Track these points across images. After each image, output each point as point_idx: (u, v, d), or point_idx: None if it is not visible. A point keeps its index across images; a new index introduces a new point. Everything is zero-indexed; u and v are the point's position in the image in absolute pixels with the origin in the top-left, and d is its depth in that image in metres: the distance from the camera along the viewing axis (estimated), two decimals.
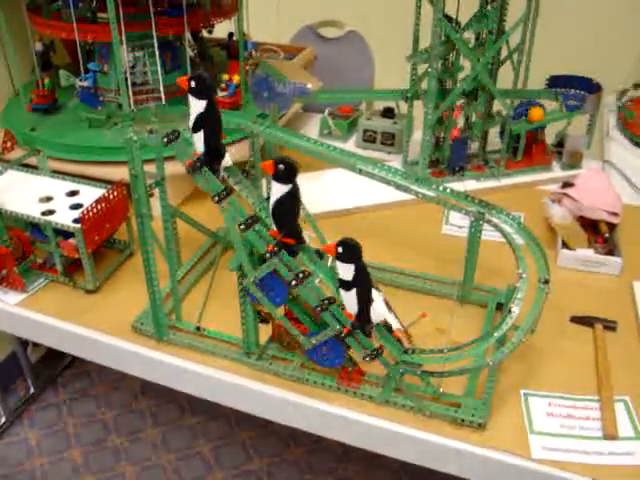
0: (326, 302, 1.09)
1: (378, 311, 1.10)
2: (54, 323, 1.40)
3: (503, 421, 1.16)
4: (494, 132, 1.88)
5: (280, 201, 1.05)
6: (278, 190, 1.04)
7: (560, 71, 1.88)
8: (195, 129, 1.07)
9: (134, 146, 1.13)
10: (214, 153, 1.09)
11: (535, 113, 1.79)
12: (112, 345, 1.34)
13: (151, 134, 1.14)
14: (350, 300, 1.07)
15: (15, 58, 1.75)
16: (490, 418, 1.15)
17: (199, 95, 1.05)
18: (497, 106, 1.80)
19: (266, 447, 2.45)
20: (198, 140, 1.08)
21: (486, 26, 1.65)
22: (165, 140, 1.09)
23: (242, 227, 1.08)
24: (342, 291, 1.07)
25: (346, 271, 1.04)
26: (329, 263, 1.14)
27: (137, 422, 2.55)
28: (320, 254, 1.14)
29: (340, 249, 1.02)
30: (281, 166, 1.02)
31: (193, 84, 1.04)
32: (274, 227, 1.08)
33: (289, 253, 1.09)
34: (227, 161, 1.12)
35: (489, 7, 1.64)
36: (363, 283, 1.06)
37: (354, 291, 1.06)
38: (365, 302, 1.08)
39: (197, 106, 1.06)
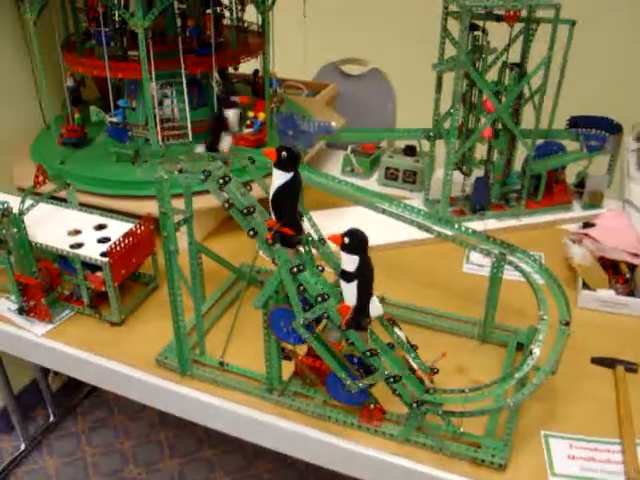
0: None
1: (376, 306, 1.09)
2: (79, 355, 1.42)
3: (524, 462, 1.16)
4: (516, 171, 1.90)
5: (281, 189, 1.05)
6: (279, 178, 1.05)
7: (580, 111, 1.90)
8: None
9: (165, 185, 1.15)
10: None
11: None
12: (136, 378, 1.36)
13: (181, 173, 1.17)
14: (350, 292, 1.06)
15: (47, 93, 1.81)
16: (511, 459, 1.15)
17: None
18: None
19: None
20: None
21: (506, 94, 1.68)
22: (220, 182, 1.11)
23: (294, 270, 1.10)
24: (342, 282, 1.06)
25: (350, 262, 1.04)
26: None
27: (155, 453, 2.56)
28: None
29: (347, 239, 1.02)
30: (284, 153, 1.03)
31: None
32: (273, 216, 1.08)
33: (287, 244, 1.09)
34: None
35: (507, 76, 1.68)
36: (365, 276, 1.05)
37: (355, 283, 1.05)
38: (365, 295, 1.07)
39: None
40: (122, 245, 1.42)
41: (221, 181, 1.10)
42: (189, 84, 1.78)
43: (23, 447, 2.54)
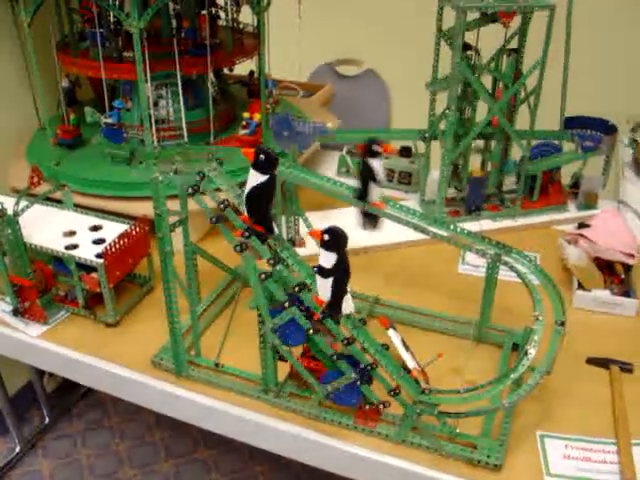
0: (345, 342, 1.10)
1: (349, 304, 1.10)
2: (74, 356, 1.42)
3: (519, 463, 1.16)
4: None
5: (256, 189, 1.07)
6: (256, 179, 1.06)
7: (575, 112, 1.91)
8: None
9: (159, 186, 1.15)
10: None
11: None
12: (131, 379, 1.36)
13: (176, 174, 1.16)
14: (325, 287, 1.07)
15: (42, 93, 1.80)
16: (506, 459, 1.15)
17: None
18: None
19: None
20: None
21: (502, 79, 1.68)
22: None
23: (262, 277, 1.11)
24: (318, 277, 1.07)
25: (328, 259, 1.04)
26: None
27: (151, 454, 2.55)
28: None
29: (326, 236, 1.03)
30: (262, 156, 1.04)
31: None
32: (245, 213, 1.09)
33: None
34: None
35: (504, 61, 1.68)
36: (342, 273, 1.06)
37: (331, 279, 1.06)
38: (339, 292, 1.08)
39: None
40: (117, 246, 1.42)
41: (190, 190, 1.12)
42: (184, 85, 1.78)
43: (18, 449, 2.53)
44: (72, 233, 1.53)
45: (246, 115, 1.89)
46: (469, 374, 1.31)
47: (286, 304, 1.11)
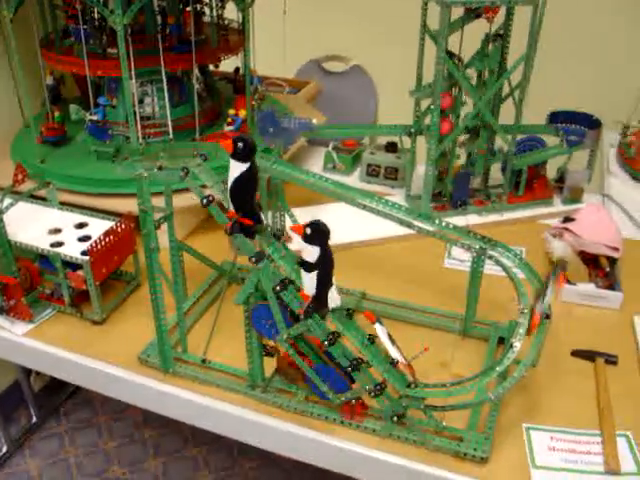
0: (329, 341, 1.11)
1: (335, 297, 1.10)
2: (61, 354, 1.41)
3: (505, 455, 1.16)
4: (496, 167, 1.90)
5: (238, 180, 1.07)
6: (236, 169, 1.06)
7: (560, 106, 1.92)
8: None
9: (144, 182, 1.15)
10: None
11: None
12: (118, 377, 1.36)
13: (161, 170, 1.16)
14: (310, 282, 1.07)
15: (27, 91, 1.79)
16: (492, 452, 1.15)
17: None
18: (499, 141, 1.83)
19: (268, 478, 2.44)
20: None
21: (488, 65, 1.69)
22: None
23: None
24: (302, 272, 1.07)
25: (311, 253, 1.04)
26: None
27: (139, 452, 2.55)
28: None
29: (308, 230, 1.03)
30: (240, 144, 1.04)
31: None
32: (231, 207, 1.10)
33: (247, 234, 1.10)
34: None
35: (491, 46, 1.68)
36: (326, 267, 1.06)
37: (315, 274, 1.06)
38: (324, 286, 1.08)
39: None
40: (103, 243, 1.42)
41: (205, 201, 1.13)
42: (169, 81, 1.77)
43: (5, 449, 2.52)
44: (57, 231, 1.53)
45: (231, 111, 1.89)
46: (455, 368, 1.32)
47: (298, 314, 1.12)
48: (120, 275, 1.60)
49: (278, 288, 1.11)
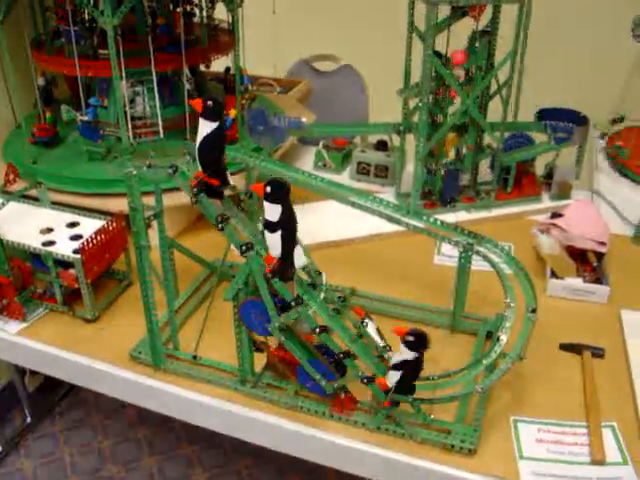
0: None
1: (300, 256, 1.11)
2: (53, 352, 1.42)
3: (493, 447, 1.18)
4: (485, 164, 1.92)
5: (206, 139, 1.09)
6: (205, 127, 1.08)
7: (548, 104, 1.93)
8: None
9: (133, 180, 1.16)
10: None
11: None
12: (110, 373, 1.37)
13: (150, 168, 1.18)
14: (274, 242, 1.07)
15: (18, 92, 1.80)
16: (480, 444, 1.17)
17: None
18: (487, 138, 1.85)
19: (262, 476, 2.45)
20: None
21: (475, 62, 1.70)
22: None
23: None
24: (267, 233, 1.07)
25: (272, 212, 1.05)
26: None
27: (133, 451, 2.56)
28: (314, 286, 1.17)
29: (268, 189, 1.03)
30: (209, 103, 1.07)
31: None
32: (200, 168, 1.11)
33: (213, 194, 1.12)
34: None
35: (477, 44, 1.69)
36: (289, 225, 1.06)
37: (279, 233, 1.06)
38: (289, 245, 1.08)
39: None
40: (94, 242, 1.43)
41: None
42: (160, 82, 1.78)
43: (0, 449, 2.53)
44: (49, 230, 1.54)
45: None
46: (444, 362, 1.33)
47: (292, 303, 1.12)
48: (112, 273, 1.61)
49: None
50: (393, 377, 1.11)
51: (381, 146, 2.11)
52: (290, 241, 1.08)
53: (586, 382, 1.31)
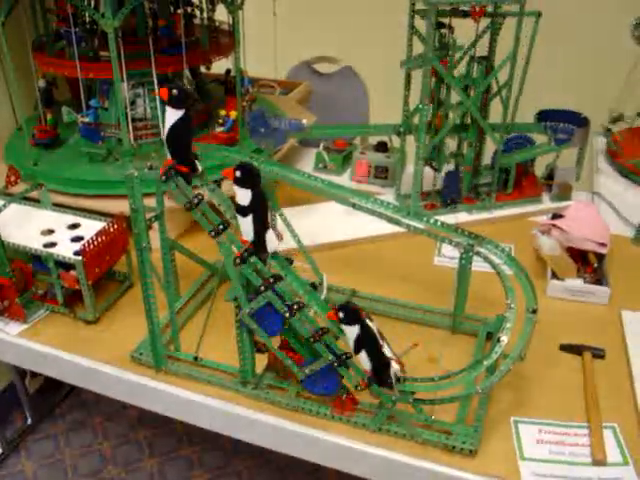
0: (320, 333, 1.12)
1: (273, 240, 1.12)
2: (54, 353, 1.43)
3: (494, 448, 1.18)
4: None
5: (174, 127, 1.10)
6: (172, 116, 1.10)
7: (549, 105, 1.94)
8: None
9: (134, 181, 1.16)
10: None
11: None
12: (111, 375, 1.37)
13: (151, 170, 1.18)
14: (247, 227, 1.09)
15: (19, 94, 1.81)
16: (481, 445, 1.17)
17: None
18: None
19: (263, 477, 2.45)
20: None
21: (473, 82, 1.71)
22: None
23: (237, 261, 1.12)
24: (239, 217, 1.08)
25: (243, 196, 1.06)
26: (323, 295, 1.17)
27: (134, 452, 2.56)
28: (314, 286, 1.17)
29: (238, 173, 1.05)
30: (175, 91, 1.07)
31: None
32: (169, 155, 1.12)
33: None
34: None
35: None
36: (260, 209, 1.07)
37: (250, 217, 1.07)
38: (261, 229, 1.09)
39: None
40: (95, 244, 1.43)
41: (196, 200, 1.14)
42: (161, 84, 1.78)
43: (0, 451, 2.53)
44: (50, 231, 1.54)
45: (222, 113, 1.90)
46: (445, 363, 1.33)
47: (261, 288, 1.13)
48: (113, 275, 1.61)
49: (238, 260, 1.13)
50: (364, 359, 1.11)
51: (381, 147, 2.12)
52: (261, 225, 1.09)
53: (587, 383, 1.31)
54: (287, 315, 1.13)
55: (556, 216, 1.70)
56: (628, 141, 2.19)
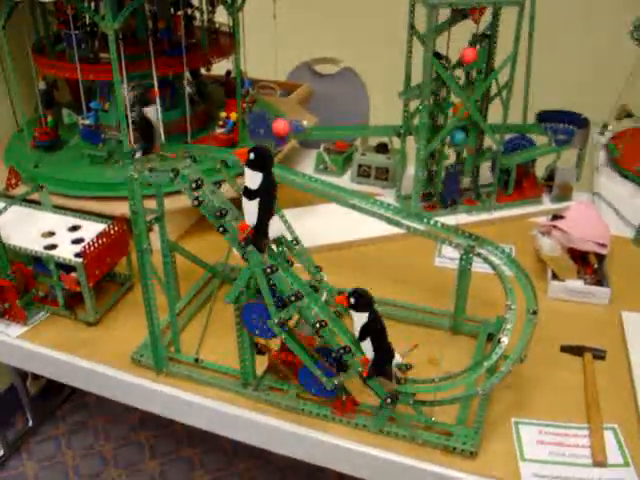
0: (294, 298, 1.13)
1: (276, 227, 1.11)
2: (55, 355, 1.43)
3: (494, 449, 1.18)
4: (486, 166, 1.92)
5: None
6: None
7: (549, 106, 1.94)
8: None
9: (135, 184, 1.17)
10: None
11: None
12: (112, 377, 1.37)
13: (151, 172, 1.18)
14: (251, 210, 1.08)
15: (19, 96, 1.81)
16: (481, 446, 1.17)
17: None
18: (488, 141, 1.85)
19: (264, 478, 2.45)
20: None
21: (476, 66, 1.70)
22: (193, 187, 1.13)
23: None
24: (245, 200, 1.07)
25: (253, 179, 1.05)
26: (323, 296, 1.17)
27: (135, 454, 2.56)
28: (315, 288, 1.17)
29: (252, 155, 1.04)
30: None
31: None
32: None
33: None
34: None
35: (478, 47, 1.69)
36: (268, 194, 1.07)
37: (257, 201, 1.06)
38: (265, 214, 1.08)
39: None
40: (96, 246, 1.43)
41: (194, 185, 1.12)
42: (161, 85, 1.79)
43: (2, 453, 2.52)
44: (51, 233, 1.54)
45: (223, 114, 1.90)
46: (445, 365, 1.34)
47: (293, 297, 1.13)
48: (114, 277, 1.61)
49: (269, 270, 1.12)
50: (367, 348, 1.10)
51: (382, 149, 2.12)
52: (267, 210, 1.08)
53: (587, 384, 1.31)
54: (318, 326, 1.13)
55: (556, 217, 1.70)
56: (631, 144, 2.18)
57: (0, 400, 2.61)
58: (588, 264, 1.62)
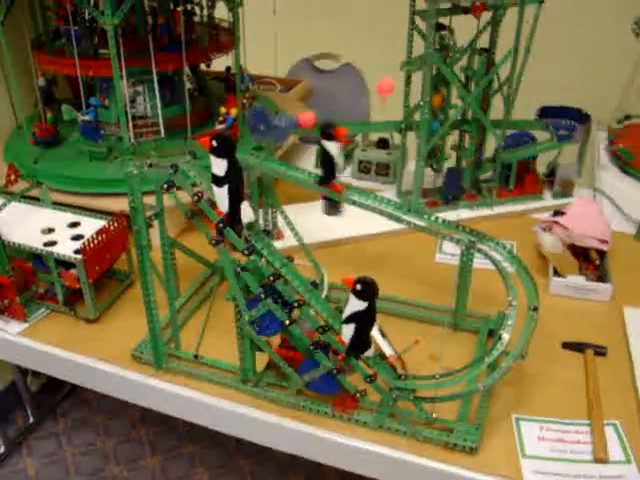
0: (320, 331, 1.12)
1: (248, 211, 1.12)
2: (55, 352, 1.42)
3: (495, 445, 1.18)
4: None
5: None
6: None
7: (550, 101, 1.93)
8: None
9: (134, 179, 1.16)
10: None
11: None
12: (112, 373, 1.37)
13: (151, 167, 1.17)
14: (222, 197, 1.09)
15: (19, 92, 1.80)
16: (482, 442, 1.17)
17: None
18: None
19: (264, 475, 2.45)
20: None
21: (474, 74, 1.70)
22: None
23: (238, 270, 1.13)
24: (215, 188, 1.09)
25: (219, 166, 1.07)
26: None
27: (136, 451, 2.56)
28: (315, 284, 1.17)
29: (214, 143, 1.05)
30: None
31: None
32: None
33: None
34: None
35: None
36: (235, 179, 1.08)
37: (225, 188, 1.08)
38: (236, 199, 1.10)
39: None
40: (95, 242, 1.43)
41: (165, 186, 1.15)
42: (161, 81, 1.78)
43: (2, 449, 2.53)
44: (50, 230, 1.53)
45: (223, 110, 1.90)
46: (446, 361, 1.33)
47: (262, 295, 1.12)
48: (113, 273, 1.61)
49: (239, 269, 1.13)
50: (347, 332, 1.10)
51: (382, 144, 2.11)
52: (236, 195, 1.09)
53: (589, 380, 1.31)
54: (287, 322, 1.13)
55: (558, 213, 1.69)
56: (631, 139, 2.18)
57: (0, 397, 2.61)
58: (589, 260, 1.62)
